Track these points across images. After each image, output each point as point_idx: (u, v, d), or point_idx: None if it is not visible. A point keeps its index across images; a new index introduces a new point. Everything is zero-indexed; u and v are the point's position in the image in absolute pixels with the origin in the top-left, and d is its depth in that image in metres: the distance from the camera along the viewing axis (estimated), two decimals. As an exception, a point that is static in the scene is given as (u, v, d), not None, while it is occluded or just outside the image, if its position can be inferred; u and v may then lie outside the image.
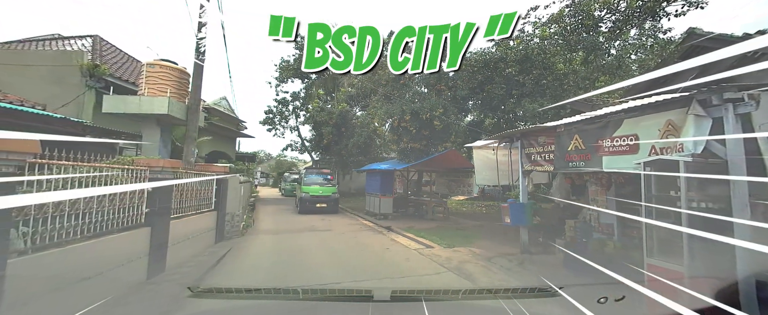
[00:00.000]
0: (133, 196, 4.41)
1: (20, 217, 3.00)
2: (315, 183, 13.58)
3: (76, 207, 3.56)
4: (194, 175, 6.26)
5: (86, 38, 12.18)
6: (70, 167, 3.51)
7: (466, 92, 11.23)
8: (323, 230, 9.34)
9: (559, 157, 5.16)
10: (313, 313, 2.17)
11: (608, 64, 9.80)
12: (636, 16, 9.06)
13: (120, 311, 3.50)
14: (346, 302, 2.34)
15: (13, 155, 2.72)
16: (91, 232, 3.73)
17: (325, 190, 13.32)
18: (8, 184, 2.54)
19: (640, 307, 3.06)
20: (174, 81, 6.67)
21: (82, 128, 5.84)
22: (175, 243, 5.29)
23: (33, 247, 3.07)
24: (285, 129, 22.89)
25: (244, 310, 2.27)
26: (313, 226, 10.02)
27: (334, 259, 6.14)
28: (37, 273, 3.01)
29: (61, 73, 7.79)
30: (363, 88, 15.60)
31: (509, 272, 5.30)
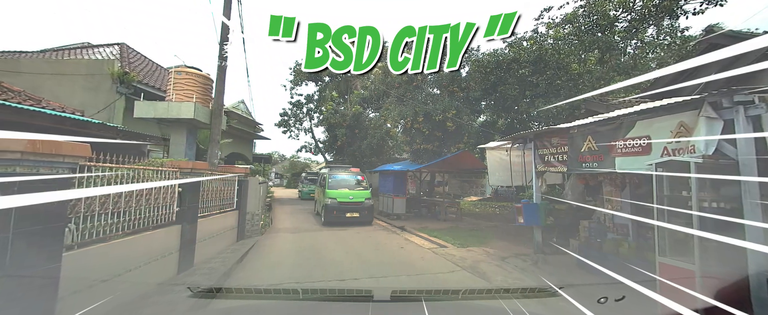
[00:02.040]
0: (165, 195, 4.73)
1: (72, 214, 3.32)
2: (343, 185, 10.91)
3: (117, 205, 3.88)
4: (220, 176, 6.59)
5: (114, 46, 12.83)
6: (113, 168, 3.82)
7: (479, 93, 11.29)
8: (339, 229, 9.57)
9: (573, 158, 5.23)
10: (314, 312, 2.14)
11: (624, 64, 9.71)
12: (653, 14, 8.97)
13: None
14: (347, 302, 2.32)
15: (68, 158, 3.02)
16: (130, 229, 4.05)
17: (356, 195, 10.66)
18: (67, 181, 2.84)
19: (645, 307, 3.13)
20: (199, 86, 7.05)
21: (116, 132, 6.24)
22: (202, 240, 5.60)
23: (82, 242, 3.38)
24: (299, 131, 23.35)
25: (244, 310, 2.25)
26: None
27: (352, 256, 6.35)
28: (85, 265, 3.31)
29: (94, 81, 8.31)
30: (376, 91, 15.82)
31: (523, 272, 5.39)
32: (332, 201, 10.33)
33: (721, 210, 2.98)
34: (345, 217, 10.20)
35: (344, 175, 11.45)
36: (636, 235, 5.36)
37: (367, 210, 10.59)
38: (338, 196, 10.43)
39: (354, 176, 11.54)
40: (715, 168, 2.99)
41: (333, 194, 10.49)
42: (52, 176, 2.74)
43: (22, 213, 2.41)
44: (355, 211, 10.33)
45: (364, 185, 11.26)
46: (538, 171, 6.30)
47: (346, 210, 10.28)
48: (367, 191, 10.98)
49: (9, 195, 2.36)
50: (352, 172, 12.03)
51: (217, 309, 2.48)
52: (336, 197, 10.39)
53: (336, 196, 10.43)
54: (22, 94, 5.73)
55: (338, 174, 11.49)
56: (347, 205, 10.35)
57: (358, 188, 10.98)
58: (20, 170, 2.47)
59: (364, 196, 10.73)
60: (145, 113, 6.81)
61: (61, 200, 2.90)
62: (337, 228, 9.56)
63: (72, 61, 9.57)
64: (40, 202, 2.55)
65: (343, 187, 10.78)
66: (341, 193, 10.51)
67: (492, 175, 8.88)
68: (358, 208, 10.42)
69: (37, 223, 2.56)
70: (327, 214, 10.25)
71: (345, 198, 10.42)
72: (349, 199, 10.45)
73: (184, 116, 6.72)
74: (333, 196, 10.42)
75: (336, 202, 10.30)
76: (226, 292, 2.70)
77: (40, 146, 2.54)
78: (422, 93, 12.90)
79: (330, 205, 10.27)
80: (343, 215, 10.19)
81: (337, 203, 10.28)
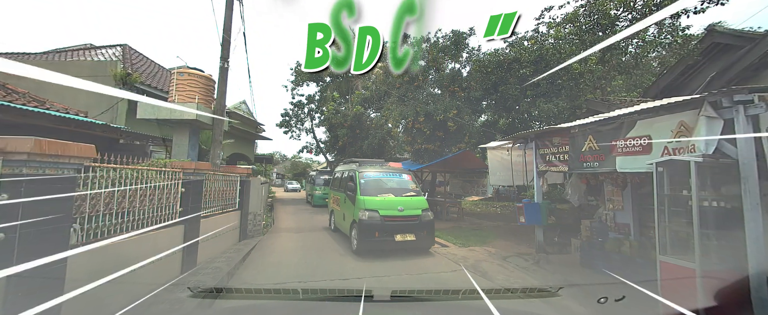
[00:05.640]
0: (168, 195, 4.77)
1: (77, 215, 3.36)
2: (385, 189, 7.10)
3: (121, 206, 3.92)
4: (222, 176, 6.64)
5: (116, 47, 12.91)
6: (117, 169, 3.86)
7: (479, 93, 11.31)
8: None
9: (574, 157, 5.24)
10: (313, 313, 2.12)
11: (625, 63, 9.71)
12: (654, 13, 8.96)
13: None
14: (346, 302, 2.29)
15: (73, 159, 3.06)
16: (133, 229, 4.09)
17: (408, 205, 6.73)
18: (72, 180, 2.88)
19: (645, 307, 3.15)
20: (201, 88, 7.09)
21: (120, 133, 6.29)
22: (205, 240, 5.64)
23: (86, 241, 3.42)
24: (301, 131, 23.40)
25: (249, 309, 2.25)
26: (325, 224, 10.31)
27: (354, 255, 6.37)
28: (90, 264, 3.35)
29: (98, 82, 8.36)
30: (377, 91, 15.85)
31: (525, 271, 5.41)
32: (371, 215, 6.41)
33: (723, 208, 2.99)
34: (393, 241, 6.26)
35: (384, 174, 7.62)
36: (638, 234, 5.37)
37: (425, 229, 6.60)
38: (380, 206, 6.56)
39: (398, 175, 7.70)
40: (715, 167, 3.00)
41: (371, 203, 6.58)
42: (58, 176, 2.78)
43: (29, 213, 2.44)
44: (408, 230, 6.43)
45: (416, 188, 7.37)
46: (539, 170, 6.31)
47: (394, 229, 6.35)
48: (422, 198, 7.05)
49: (16, 197, 2.40)
50: (393, 168, 8.25)
51: (221, 308, 2.51)
52: (377, 209, 6.48)
53: (376, 205, 6.55)
54: (27, 96, 5.78)
55: (374, 171, 7.66)
56: (396, 221, 6.45)
57: (407, 193, 7.07)
58: (27, 171, 2.51)
59: (419, 206, 6.75)
60: (148, 114, 6.86)
61: (67, 200, 2.94)
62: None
63: (75, 62, 9.65)
64: (45, 202, 2.59)
65: (386, 192, 6.98)
66: (385, 202, 6.66)
67: (493, 175, 8.90)
68: (413, 225, 6.51)
69: (43, 223, 2.60)
70: (364, 237, 6.29)
71: (391, 209, 6.53)
72: (399, 211, 6.53)
73: (186, 117, 6.77)
74: (371, 207, 6.52)
75: (377, 216, 6.40)
76: (227, 292, 2.72)
77: (47, 147, 2.57)
78: (423, 93, 12.92)
79: (368, 223, 6.34)
80: (391, 238, 6.27)
81: (379, 219, 6.37)
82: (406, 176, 7.76)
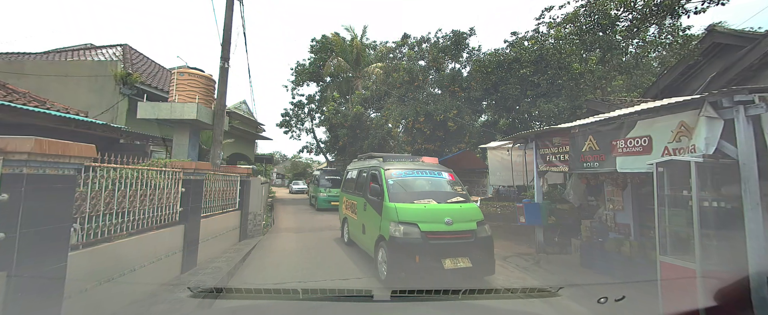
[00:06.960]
0: (169, 195, 4.77)
1: (77, 215, 3.35)
2: (424, 194, 5.15)
3: (121, 206, 3.92)
4: (222, 176, 6.64)
5: (116, 47, 12.91)
6: (117, 169, 3.86)
7: (480, 93, 11.32)
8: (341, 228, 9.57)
9: (574, 157, 5.24)
10: (313, 313, 2.10)
11: (626, 63, 9.71)
12: (654, 13, 8.95)
13: None
14: (346, 302, 2.28)
15: (74, 159, 3.06)
16: (134, 229, 4.08)
17: (458, 215, 4.75)
18: (72, 179, 2.88)
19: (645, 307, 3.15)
20: (201, 88, 7.08)
21: (120, 133, 6.29)
22: (205, 240, 5.64)
23: (87, 242, 3.42)
24: (301, 131, 23.42)
25: (245, 310, 2.22)
26: (331, 225, 10.31)
27: (354, 255, 6.37)
28: (91, 264, 3.35)
29: (98, 82, 8.38)
30: (377, 91, 15.85)
31: (525, 271, 5.40)
32: (408, 230, 4.52)
33: (723, 208, 2.99)
34: (442, 269, 4.28)
35: (419, 172, 5.67)
36: (638, 235, 5.37)
37: (483, 249, 4.65)
38: (420, 217, 4.66)
39: (436, 173, 5.71)
40: (715, 168, 3.00)
41: (407, 214, 4.69)
42: (59, 176, 2.78)
43: (29, 213, 2.44)
44: (461, 252, 4.46)
45: (463, 192, 5.44)
46: (539, 171, 6.31)
47: (442, 252, 4.42)
48: (475, 206, 5.17)
49: (16, 197, 2.40)
50: (428, 164, 6.12)
51: (221, 308, 2.52)
52: (416, 221, 4.59)
53: (414, 216, 4.66)
54: (28, 96, 5.78)
55: (404, 167, 5.72)
56: (444, 238, 4.54)
57: (454, 199, 5.13)
58: (27, 171, 2.51)
59: (473, 217, 4.86)
60: (148, 114, 6.86)
61: (67, 200, 2.94)
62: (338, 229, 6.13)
63: (75, 62, 9.65)
64: (46, 202, 2.59)
65: (424, 197, 5.04)
66: (426, 212, 4.75)
67: (493, 175, 8.90)
68: (468, 245, 4.56)
69: (44, 222, 2.60)
70: (398, 262, 4.43)
71: (436, 222, 4.61)
72: (446, 224, 4.58)
73: (186, 117, 6.77)
74: (407, 219, 4.63)
75: (416, 232, 4.50)
76: (227, 292, 2.71)
77: (47, 147, 2.57)
78: (423, 93, 12.93)
79: (403, 241, 4.47)
80: (439, 264, 4.30)
81: (419, 236, 4.47)
82: (448, 175, 5.70)
